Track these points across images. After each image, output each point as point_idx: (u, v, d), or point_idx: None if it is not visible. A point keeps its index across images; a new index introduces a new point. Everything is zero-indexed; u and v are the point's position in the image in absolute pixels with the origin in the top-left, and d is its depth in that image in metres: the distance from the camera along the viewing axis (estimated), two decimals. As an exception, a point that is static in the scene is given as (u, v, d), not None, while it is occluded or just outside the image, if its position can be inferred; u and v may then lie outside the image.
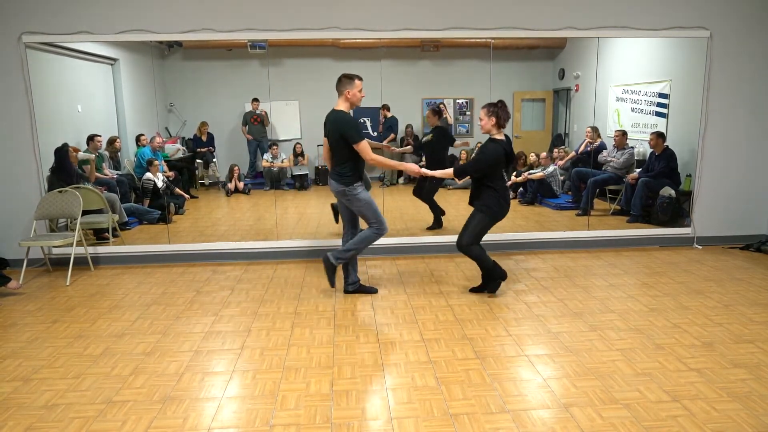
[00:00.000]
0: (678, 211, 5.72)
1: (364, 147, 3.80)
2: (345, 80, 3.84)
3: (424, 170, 4.10)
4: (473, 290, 4.23)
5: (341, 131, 3.78)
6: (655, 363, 3.04)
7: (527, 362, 3.07)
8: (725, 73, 5.36)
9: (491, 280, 4.14)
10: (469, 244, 3.99)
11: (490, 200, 3.91)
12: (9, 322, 3.83)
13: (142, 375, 3.00)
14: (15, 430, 2.50)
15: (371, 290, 4.27)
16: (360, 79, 3.87)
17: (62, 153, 5.15)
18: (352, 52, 6.41)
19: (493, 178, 3.91)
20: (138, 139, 6.05)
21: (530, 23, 5.16)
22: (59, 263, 5.12)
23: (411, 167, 4.13)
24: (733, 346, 3.26)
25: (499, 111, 3.87)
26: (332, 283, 4.14)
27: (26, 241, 4.67)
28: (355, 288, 4.23)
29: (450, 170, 4.04)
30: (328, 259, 4.05)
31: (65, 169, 5.14)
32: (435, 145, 5.80)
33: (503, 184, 3.97)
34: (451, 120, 6.97)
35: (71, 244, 4.74)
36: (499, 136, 3.92)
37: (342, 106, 3.87)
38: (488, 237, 5.43)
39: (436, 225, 5.87)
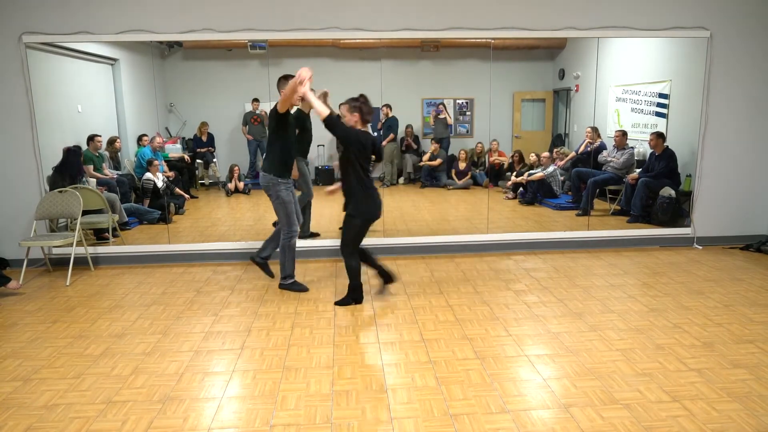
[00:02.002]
0: (678, 211, 5.72)
1: (281, 100, 3.89)
2: (281, 81, 4.16)
3: (305, 90, 3.71)
4: (338, 303, 4.01)
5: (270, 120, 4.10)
6: (656, 363, 3.04)
7: (527, 362, 3.07)
8: (725, 74, 5.36)
9: (350, 294, 3.99)
10: (347, 251, 3.87)
11: (357, 203, 3.76)
12: (9, 322, 3.83)
13: (143, 375, 3.00)
14: (15, 430, 2.50)
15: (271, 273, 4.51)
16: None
17: (75, 155, 5.21)
18: (352, 52, 6.41)
19: (358, 175, 3.71)
20: (140, 139, 6.05)
21: (530, 23, 5.16)
22: (59, 263, 5.12)
23: (300, 74, 3.69)
24: (734, 346, 3.26)
25: (362, 106, 3.73)
26: (270, 274, 4.50)
27: (26, 241, 4.67)
28: (263, 262, 4.50)
29: (325, 111, 3.62)
30: (254, 258, 4.45)
31: (70, 169, 5.16)
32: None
33: (370, 183, 3.80)
34: (450, 120, 6.98)
35: (71, 244, 4.74)
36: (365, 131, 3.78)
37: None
38: (491, 237, 5.48)
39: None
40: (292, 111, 4.24)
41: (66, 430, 2.48)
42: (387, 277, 4.19)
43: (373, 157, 3.86)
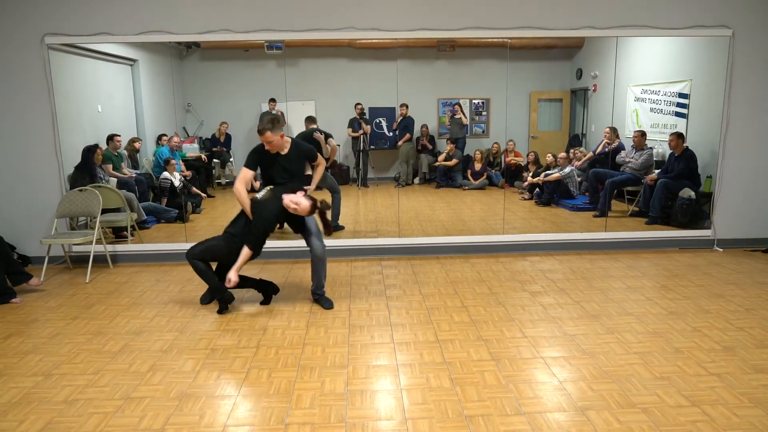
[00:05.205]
0: (698, 213, 5.63)
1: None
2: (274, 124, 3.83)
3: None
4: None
5: None
6: (674, 367, 3.00)
7: (543, 364, 3.05)
8: (748, 73, 5.26)
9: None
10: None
11: None
12: (31, 317, 3.90)
13: (160, 372, 3.03)
14: (36, 424, 2.55)
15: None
16: (260, 133, 3.73)
17: (88, 151, 5.27)
18: (368, 53, 6.41)
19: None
20: (159, 139, 6.13)
21: (548, 23, 5.12)
22: (79, 260, 5.21)
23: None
24: (755, 350, 3.20)
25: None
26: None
27: (47, 239, 4.75)
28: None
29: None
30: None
31: (89, 167, 5.25)
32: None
33: None
34: (466, 120, 6.95)
35: (91, 242, 4.81)
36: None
37: None
38: (507, 238, 5.44)
39: None
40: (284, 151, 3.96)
41: (85, 425, 2.52)
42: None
43: None
